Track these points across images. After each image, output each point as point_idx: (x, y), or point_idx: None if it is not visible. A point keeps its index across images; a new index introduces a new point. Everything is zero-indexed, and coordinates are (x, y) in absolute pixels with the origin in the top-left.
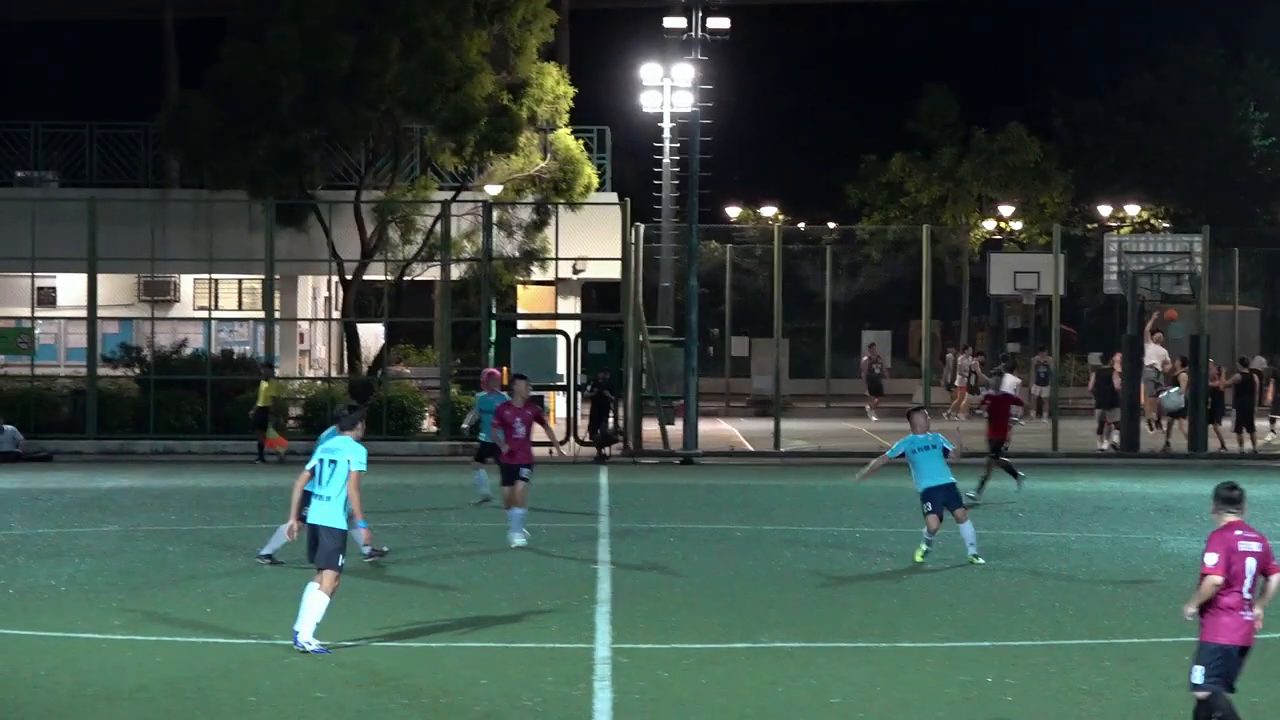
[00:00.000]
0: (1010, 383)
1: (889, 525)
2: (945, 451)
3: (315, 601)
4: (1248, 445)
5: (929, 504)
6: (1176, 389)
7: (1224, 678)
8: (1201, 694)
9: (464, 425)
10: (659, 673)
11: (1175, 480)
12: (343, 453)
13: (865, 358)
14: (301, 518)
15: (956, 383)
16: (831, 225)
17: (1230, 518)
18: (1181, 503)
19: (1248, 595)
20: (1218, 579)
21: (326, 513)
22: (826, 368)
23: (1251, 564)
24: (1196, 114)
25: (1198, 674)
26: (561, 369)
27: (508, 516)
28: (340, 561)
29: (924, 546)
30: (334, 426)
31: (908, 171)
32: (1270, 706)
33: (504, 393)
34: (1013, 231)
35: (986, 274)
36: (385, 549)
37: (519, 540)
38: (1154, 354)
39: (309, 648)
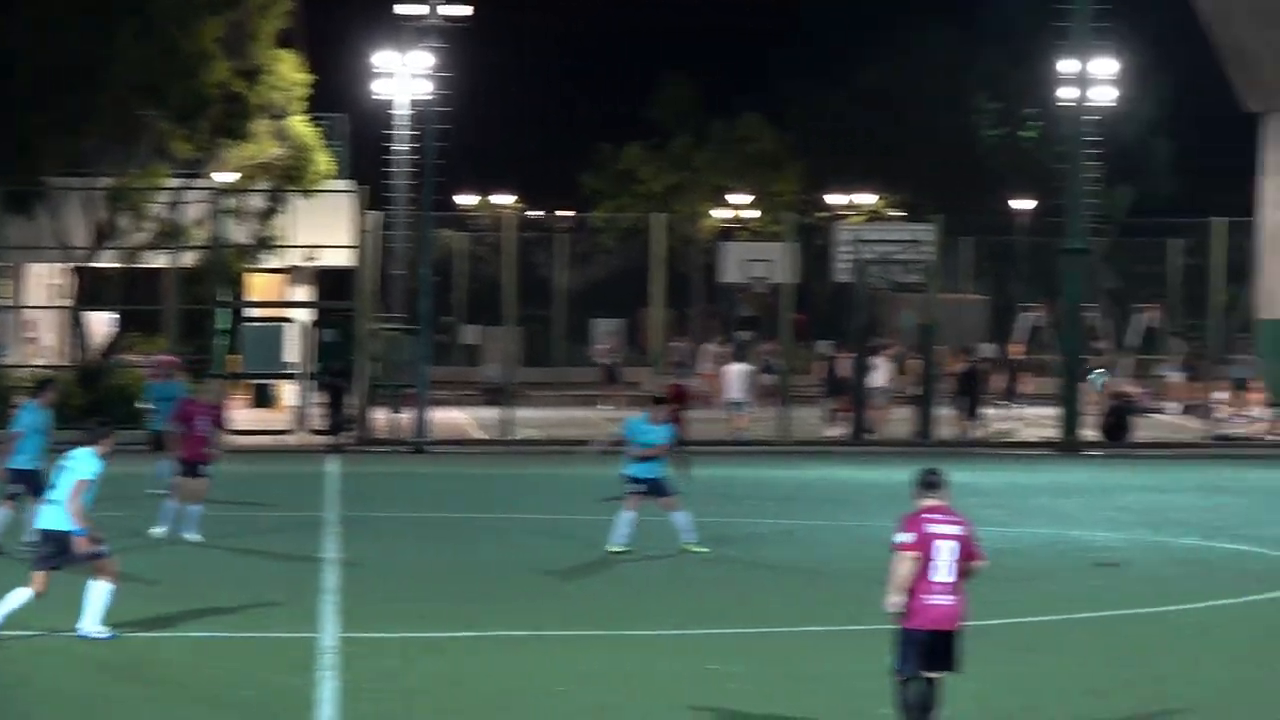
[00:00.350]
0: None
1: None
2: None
3: (98, 591)
4: (977, 433)
5: (632, 487)
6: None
7: (917, 663)
8: (899, 679)
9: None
10: (386, 662)
11: (904, 468)
12: (76, 461)
13: (603, 347)
14: None
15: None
16: (564, 213)
17: (928, 501)
18: (907, 489)
19: (940, 579)
20: (910, 555)
21: (55, 517)
22: (558, 356)
23: (945, 547)
24: (929, 104)
25: (896, 659)
26: (293, 357)
27: (177, 511)
28: (100, 550)
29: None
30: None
31: (642, 160)
32: (1117, 689)
33: (177, 382)
34: (746, 220)
35: (719, 262)
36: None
37: (193, 537)
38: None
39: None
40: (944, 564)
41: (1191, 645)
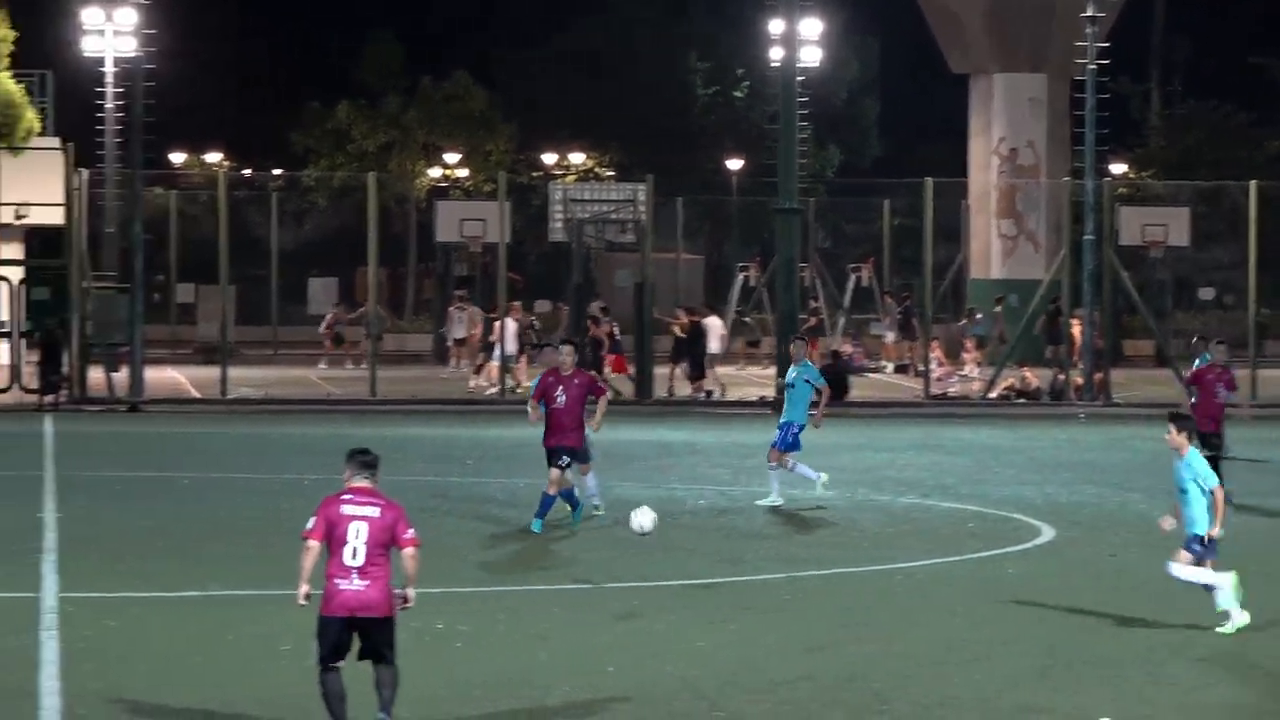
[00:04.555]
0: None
1: (337, 472)
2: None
3: None
4: (700, 392)
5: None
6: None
7: (329, 652)
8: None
9: None
10: (107, 621)
11: (622, 426)
12: None
13: (329, 314)
14: None
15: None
16: (277, 172)
17: (356, 482)
18: (627, 448)
19: (351, 563)
20: (311, 543)
21: None
22: (274, 315)
23: (356, 529)
24: (640, 64)
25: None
26: (3, 316)
27: None
28: None
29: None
30: None
31: (353, 119)
32: (835, 645)
33: None
34: (459, 179)
35: (433, 221)
36: None
37: None
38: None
39: None
40: (356, 547)
41: (911, 602)
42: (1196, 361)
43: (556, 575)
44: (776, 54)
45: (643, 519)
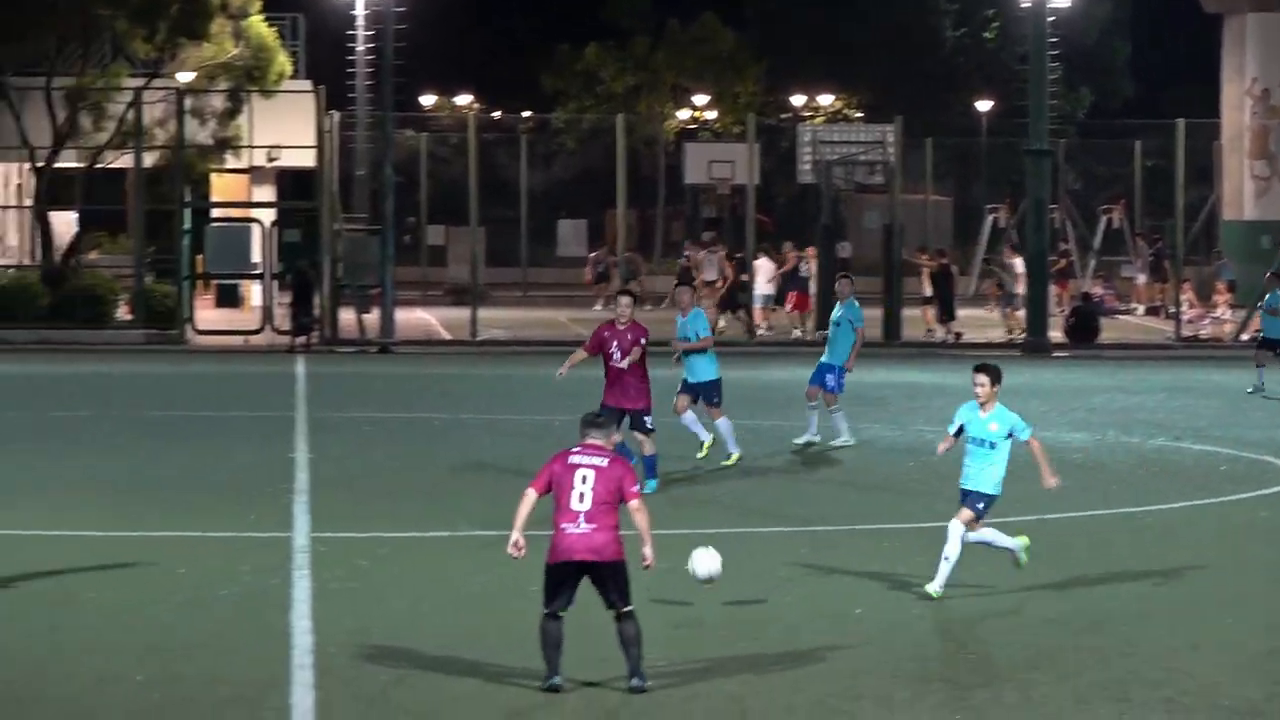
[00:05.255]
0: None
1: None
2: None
3: None
4: (950, 335)
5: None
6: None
7: (553, 599)
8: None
9: None
10: (357, 561)
11: (870, 369)
12: None
13: (595, 254)
14: None
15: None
16: (527, 114)
17: (588, 440)
18: (876, 391)
19: (578, 508)
20: (529, 492)
21: None
22: (523, 257)
23: (583, 475)
24: (890, 5)
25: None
26: (257, 258)
27: None
28: None
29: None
30: None
31: (602, 61)
32: (1079, 588)
33: None
34: (707, 121)
35: (682, 163)
36: None
37: None
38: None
39: None
40: (583, 492)
41: (1161, 545)
42: None
43: (801, 517)
44: None
45: (703, 565)
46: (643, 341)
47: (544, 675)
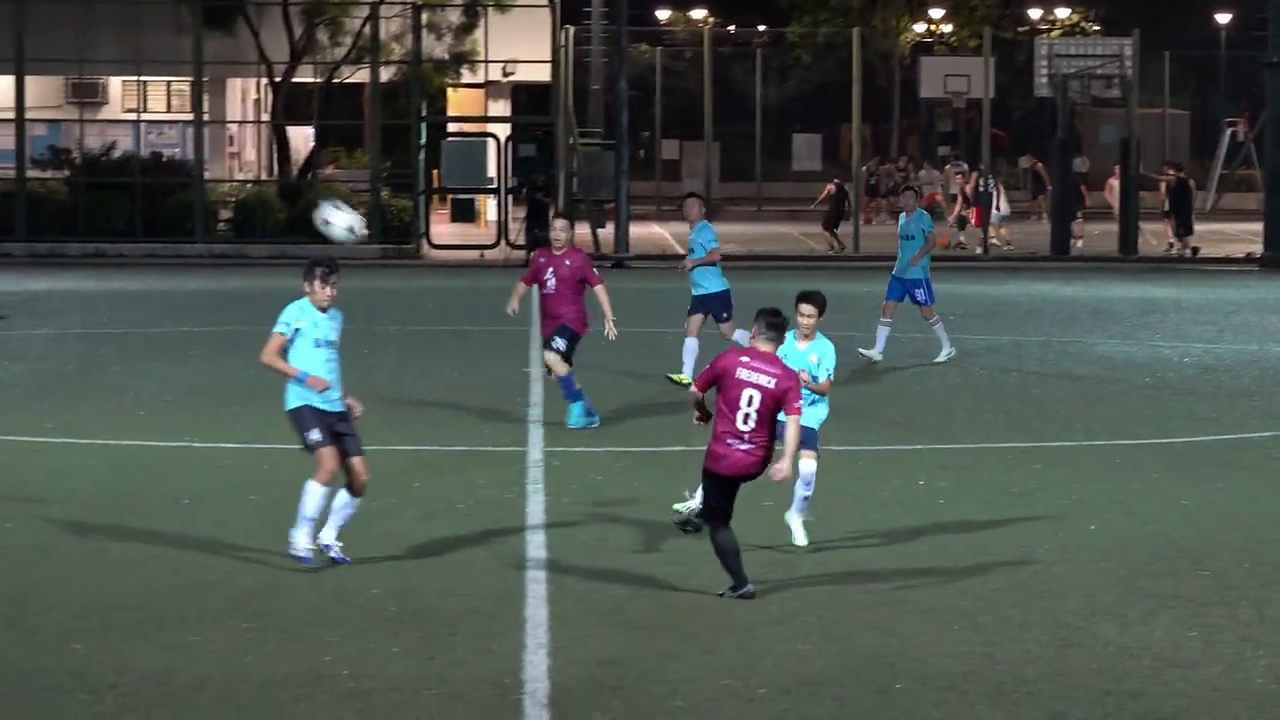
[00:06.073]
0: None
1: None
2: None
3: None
4: (1186, 250)
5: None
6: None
7: (721, 509)
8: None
9: None
10: (592, 476)
11: (1106, 284)
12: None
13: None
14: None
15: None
16: (761, 28)
17: (760, 344)
18: (1112, 306)
19: (743, 428)
20: (696, 390)
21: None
22: (757, 171)
23: (749, 395)
24: None
25: (695, 496)
26: (492, 172)
27: None
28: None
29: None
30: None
31: None
32: (1201, 505)
33: None
34: (943, 35)
35: (917, 77)
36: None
37: None
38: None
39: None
40: (749, 413)
41: None
42: None
43: (1035, 432)
44: None
45: (335, 216)
46: (577, 268)
47: (731, 586)
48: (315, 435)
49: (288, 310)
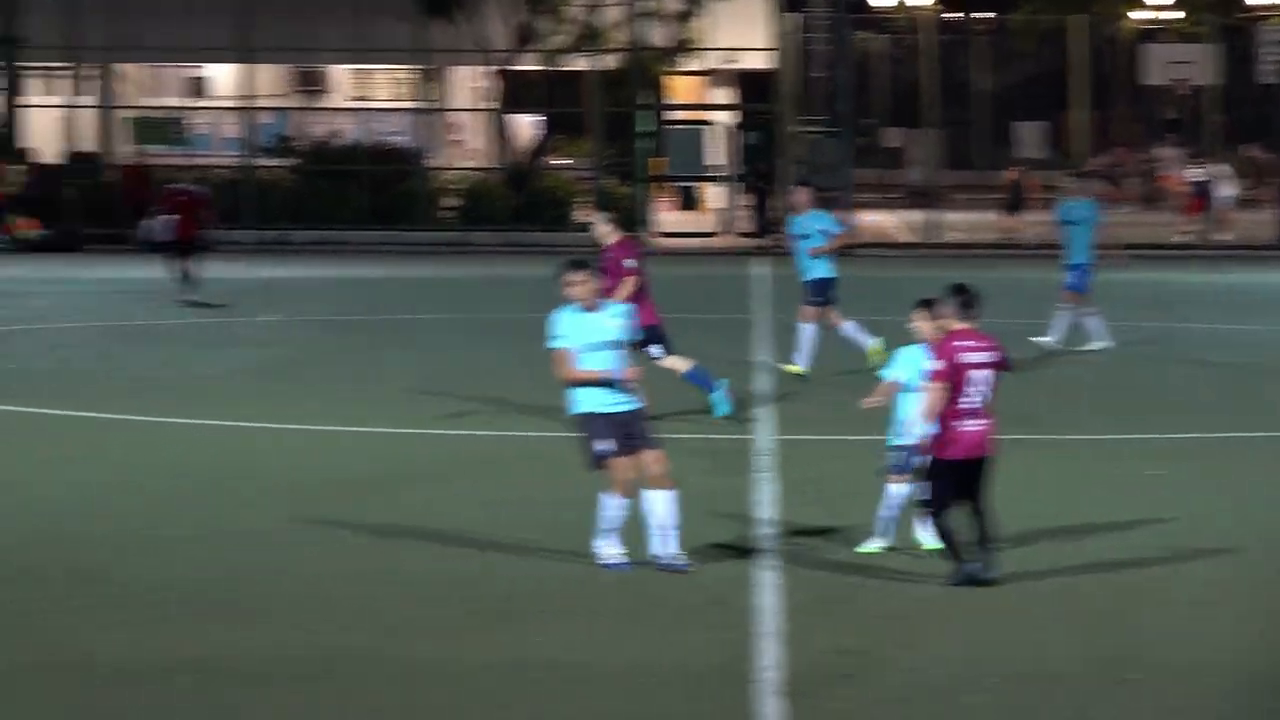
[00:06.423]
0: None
1: (1039, 316)
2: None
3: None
4: None
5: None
6: None
7: (954, 494)
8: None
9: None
10: (822, 464)
11: (1257, 271)
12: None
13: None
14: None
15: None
16: (984, 16)
17: (961, 324)
18: (1272, 293)
19: (973, 406)
20: (936, 385)
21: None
22: (980, 159)
23: (977, 376)
24: None
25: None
26: (716, 160)
27: None
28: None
29: None
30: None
31: None
32: None
33: None
34: (1167, 22)
35: (1141, 65)
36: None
37: None
38: None
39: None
40: (978, 391)
41: None
42: None
43: (1260, 421)
44: None
45: None
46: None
47: (955, 569)
48: (603, 446)
49: (554, 321)
